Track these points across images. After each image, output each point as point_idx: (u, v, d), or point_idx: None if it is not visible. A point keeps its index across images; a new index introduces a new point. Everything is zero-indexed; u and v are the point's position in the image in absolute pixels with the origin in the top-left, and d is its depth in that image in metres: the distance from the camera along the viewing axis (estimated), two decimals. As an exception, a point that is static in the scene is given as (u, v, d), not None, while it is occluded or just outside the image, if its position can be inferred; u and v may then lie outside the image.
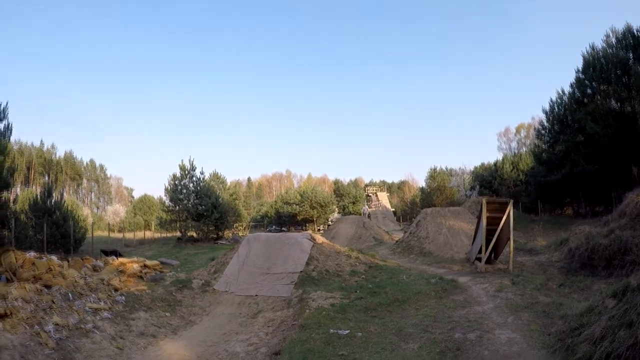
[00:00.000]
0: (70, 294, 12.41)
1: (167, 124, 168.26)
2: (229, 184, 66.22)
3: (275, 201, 73.40)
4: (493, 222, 15.73)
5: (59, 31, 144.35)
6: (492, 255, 16.44)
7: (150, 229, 53.77)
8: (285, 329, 10.51)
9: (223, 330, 11.71)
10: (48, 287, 12.85)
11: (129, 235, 47.10)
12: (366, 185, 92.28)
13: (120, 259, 19.27)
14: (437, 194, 62.25)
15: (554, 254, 17.40)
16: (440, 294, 11.82)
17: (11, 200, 22.81)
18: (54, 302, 11.55)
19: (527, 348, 7.19)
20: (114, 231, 53.30)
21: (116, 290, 13.93)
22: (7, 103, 20.74)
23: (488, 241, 15.87)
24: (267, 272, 15.65)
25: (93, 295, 12.99)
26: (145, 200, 73.62)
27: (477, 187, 57.39)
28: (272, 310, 12.94)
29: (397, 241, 30.72)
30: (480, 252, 16.42)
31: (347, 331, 8.96)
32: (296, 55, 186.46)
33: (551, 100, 39.27)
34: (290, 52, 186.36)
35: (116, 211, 72.85)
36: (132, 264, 17.84)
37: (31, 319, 10.32)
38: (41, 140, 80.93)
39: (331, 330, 9.02)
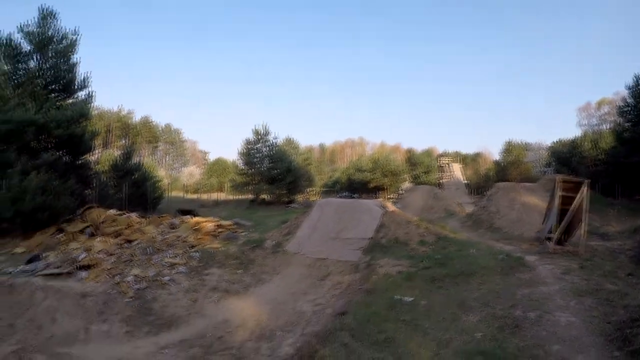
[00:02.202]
0: (149, 249, 13.06)
1: (242, 89, 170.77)
2: (302, 149, 66.63)
3: (347, 167, 73.07)
4: (567, 202, 15.25)
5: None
6: (564, 236, 16.00)
7: (223, 191, 54.89)
8: (351, 293, 10.67)
9: (292, 289, 12.02)
10: (129, 241, 13.57)
11: (204, 196, 48.36)
12: (439, 156, 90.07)
13: (196, 218, 19.95)
14: (512, 168, 60.47)
15: (627, 241, 16.74)
16: (506, 270, 11.62)
17: (93, 162, 24.17)
18: (134, 256, 12.21)
19: (585, 333, 7.08)
20: (188, 192, 54.85)
21: (192, 247, 14.50)
22: (89, 72, 22.04)
23: (560, 221, 15.46)
24: (337, 237, 15.80)
25: (170, 250, 13.60)
26: (219, 163, 74.90)
27: (554, 164, 55.31)
28: (340, 273, 13.14)
29: (467, 214, 30.28)
30: (551, 232, 15.97)
31: (412, 299, 9.02)
32: (375, 22, 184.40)
33: (635, 76, 36.37)
34: (368, 19, 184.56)
35: (191, 173, 74.96)
36: (207, 223, 18.45)
37: (113, 270, 10.98)
38: (120, 106, 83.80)
39: (396, 297, 9.10)
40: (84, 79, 22.37)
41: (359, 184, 61.62)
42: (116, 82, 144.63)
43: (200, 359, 7.64)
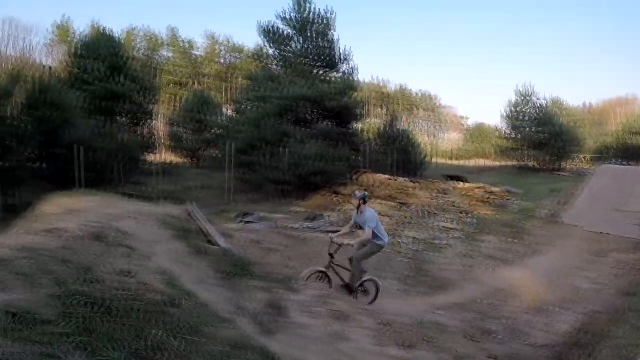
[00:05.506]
0: (424, 213, 13.55)
1: (499, 48, 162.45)
2: (569, 109, 62.34)
3: (619, 130, 65.95)
4: None
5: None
6: None
7: (486, 157, 53.79)
8: (636, 273, 9.94)
9: (567, 264, 11.53)
10: (404, 205, 14.22)
11: (466, 162, 48.06)
12: None
13: (466, 184, 20.07)
14: None
15: None
16: None
17: (360, 130, 26.12)
18: (410, 219, 12.78)
19: None
20: (452, 158, 54.82)
21: (464, 212, 14.68)
22: (350, 47, 24.20)
23: None
24: (617, 210, 14.77)
25: (444, 215, 13.96)
26: (480, 128, 73.46)
27: None
28: (619, 251, 12.34)
29: None
30: None
31: None
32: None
33: None
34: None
35: (451, 139, 75.06)
36: (478, 190, 18.46)
37: (391, 231, 11.62)
38: (375, 77, 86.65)
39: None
40: (345, 54, 24.39)
41: (636, 149, 55.02)
42: (367, 54, 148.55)
43: (474, 324, 7.74)
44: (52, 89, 18.34)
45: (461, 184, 20.88)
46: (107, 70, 24.62)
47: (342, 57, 24.26)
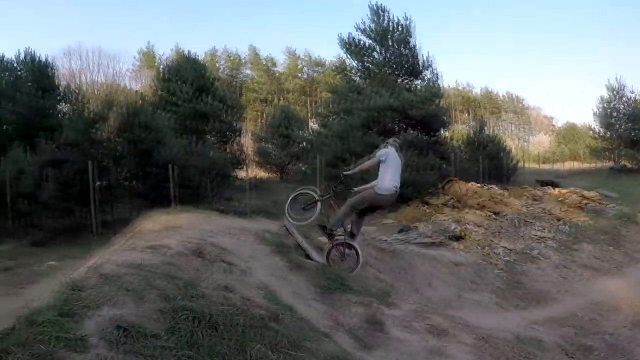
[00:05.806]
0: (516, 221, 13.30)
1: (585, 42, 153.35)
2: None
3: None
4: None
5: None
6: None
7: (577, 159, 51.64)
8: None
9: (668, 271, 11.02)
10: (495, 213, 14.02)
11: (557, 165, 46.39)
12: None
13: (558, 189, 19.48)
14: None
15: None
16: None
17: (447, 137, 26.01)
18: (502, 228, 12.60)
19: None
20: (541, 162, 53.05)
21: (558, 219, 14.26)
22: (432, 54, 24.71)
23: None
24: None
25: (537, 223, 13.63)
26: (569, 128, 70.70)
27: None
28: None
29: None
30: None
31: None
32: None
33: None
34: None
35: (540, 142, 72.55)
36: (571, 195, 17.85)
37: (482, 241, 11.54)
38: (459, 81, 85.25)
39: None
40: (427, 60, 24.35)
41: None
42: (449, 58, 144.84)
43: (573, 340, 7.53)
44: (143, 112, 19.62)
45: (553, 189, 20.22)
46: (193, 92, 26.05)
47: (424, 64, 24.27)
